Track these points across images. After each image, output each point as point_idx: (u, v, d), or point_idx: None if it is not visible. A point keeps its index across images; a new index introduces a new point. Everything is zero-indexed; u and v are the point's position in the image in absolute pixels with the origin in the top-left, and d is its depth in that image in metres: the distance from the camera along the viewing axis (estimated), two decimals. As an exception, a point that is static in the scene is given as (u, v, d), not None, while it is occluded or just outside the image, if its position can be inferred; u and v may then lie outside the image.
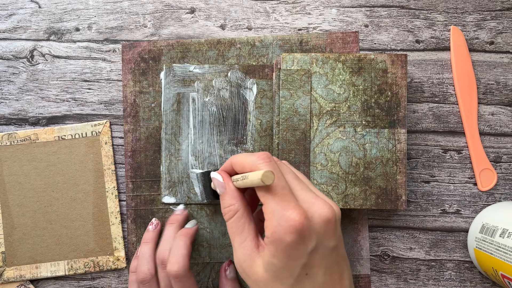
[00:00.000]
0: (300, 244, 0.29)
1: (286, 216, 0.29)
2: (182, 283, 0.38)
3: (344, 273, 0.32)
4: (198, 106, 0.46)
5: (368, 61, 0.44)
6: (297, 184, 0.32)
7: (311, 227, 0.30)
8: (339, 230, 0.32)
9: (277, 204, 0.30)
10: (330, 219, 0.30)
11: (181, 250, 0.39)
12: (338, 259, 0.32)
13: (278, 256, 0.30)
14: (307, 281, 0.30)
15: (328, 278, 0.31)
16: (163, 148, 0.46)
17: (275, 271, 0.30)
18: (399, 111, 0.43)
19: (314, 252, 0.30)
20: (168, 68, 0.46)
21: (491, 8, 0.47)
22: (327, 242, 0.30)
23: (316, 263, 0.30)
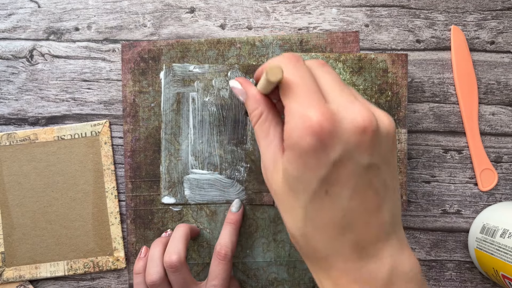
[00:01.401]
0: (320, 151, 0.24)
1: (304, 116, 0.25)
2: (178, 273, 0.38)
3: (384, 205, 0.26)
4: (198, 106, 0.46)
5: (369, 60, 0.43)
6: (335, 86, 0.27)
7: (336, 132, 0.24)
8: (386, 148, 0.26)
9: (297, 103, 0.25)
10: (367, 127, 0.24)
11: (179, 241, 0.40)
12: (378, 184, 0.26)
13: (294, 163, 0.25)
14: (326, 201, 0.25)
15: (356, 204, 0.25)
16: (162, 148, 0.46)
17: (291, 182, 0.26)
18: (399, 111, 0.43)
19: (338, 164, 0.25)
20: (168, 68, 0.46)
21: (492, 7, 0.47)
22: (358, 156, 0.25)
23: (340, 180, 0.25)
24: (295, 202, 0.26)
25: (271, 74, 0.26)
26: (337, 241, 0.26)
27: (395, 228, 0.27)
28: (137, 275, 0.41)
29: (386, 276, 0.26)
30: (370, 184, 0.25)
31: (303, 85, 0.26)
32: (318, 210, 0.26)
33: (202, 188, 0.46)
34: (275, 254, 0.46)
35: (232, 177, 0.46)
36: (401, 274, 0.26)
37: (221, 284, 0.40)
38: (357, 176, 0.25)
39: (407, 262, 0.27)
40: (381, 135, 0.26)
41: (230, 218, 0.43)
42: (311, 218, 0.26)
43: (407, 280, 0.26)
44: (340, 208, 0.25)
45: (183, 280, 0.39)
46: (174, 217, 0.46)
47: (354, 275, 0.26)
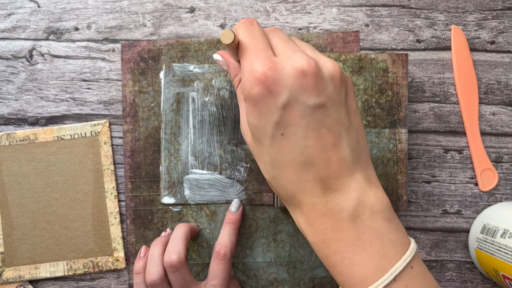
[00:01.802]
0: (268, 98, 0.27)
1: (251, 69, 0.28)
2: (178, 273, 0.39)
3: (341, 141, 0.28)
4: (197, 106, 0.46)
5: (369, 60, 0.43)
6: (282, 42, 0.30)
7: (280, 79, 0.27)
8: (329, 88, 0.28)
9: (247, 60, 0.29)
10: (306, 71, 0.27)
11: (179, 240, 0.40)
12: (330, 122, 0.28)
13: (251, 113, 0.29)
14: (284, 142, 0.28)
15: (312, 142, 0.28)
16: (162, 148, 0.46)
17: (254, 132, 0.29)
18: (400, 110, 0.43)
19: (287, 108, 0.27)
20: (167, 68, 0.46)
21: (492, 7, 0.47)
22: (304, 98, 0.27)
23: (292, 122, 0.28)
24: (261, 150, 0.30)
25: (224, 37, 0.29)
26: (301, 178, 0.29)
27: (359, 164, 0.29)
28: (137, 275, 0.41)
29: (351, 208, 0.28)
30: (321, 122, 0.28)
31: (253, 44, 0.29)
32: (279, 151, 0.29)
33: (202, 188, 0.46)
34: (275, 254, 0.46)
35: (232, 177, 0.45)
36: (367, 207, 0.28)
37: (220, 284, 0.39)
38: (307, 116, 0.27)
39: (373, 196, 0.29)
40: (324, 77, 0.28)
41: (229, 218, 0.43)
42: (275, 160, 0.29)
43: (373, 212, 0.28)
44: (297, 146, 0.28)
45: (183, 280, 0.39)
46: (174, 217, 0.46)
47: (321, 209, 0.29)
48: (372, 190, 0.29)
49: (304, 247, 0.46)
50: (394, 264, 0.28)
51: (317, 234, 0.29)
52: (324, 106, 0.28)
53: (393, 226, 0.29)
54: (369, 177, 0.30)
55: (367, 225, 0.28)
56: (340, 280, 0.29)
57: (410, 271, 0.28)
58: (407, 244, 0.29)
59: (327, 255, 0.29)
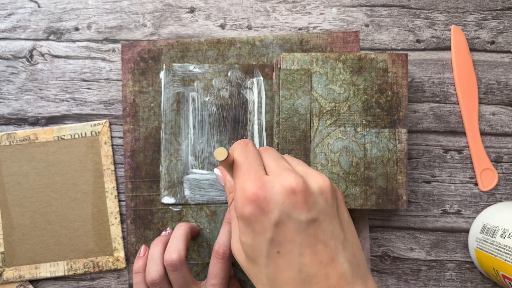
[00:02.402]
0: (260, 216, 0.28)
1: (243, 189, 0.29)
2: (178, 272, 0.39)
3: (338, 255, 0.28)
4: (198, 106, 0.46)
5: (369, 60, 0.43)
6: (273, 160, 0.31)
7: (271, 197, 0.28)
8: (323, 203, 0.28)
9: (240, 179, 0.30)
10: (294, 188, 0.28)
11: (180, 240, 0.40)
12: (324, 237, 0.28)
13: (245, 232, 0.29)
14: (281, 261, 0.28)
15: (308, 259, 0.28)
16: (162, 148, 0.46)
17: (248, 252, 0.29)
18: (399, 110, 0.43)
19: (280, 225, 0.28)
20: (167, 68, 0.46)
21: (492, 7, 0.47)
22: (296, 214, 0.27)
23: (286, 238, 0.28)
24: (257, 270, 0.29)
25: (217, 154, 0.30)
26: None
27: (359, 277, 0.29)
28: (137, 274, 0.41)
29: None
30: (316, 238, 0.28)
31: (246, 164, 0.30)
32: (276, 271, 0.28)
33: (202, 188, 0.46)
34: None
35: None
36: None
37: (220, 283, 0.40)
38: (301, 232, 0.27)
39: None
40: (314, 192, 0.28)
41: (228, 218, 0.43)
42: (272, 280, 0.28)
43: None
44: (294, 264, 0.28)
45: (183, 279, 0.39)
46: (174, 217, 0.46)
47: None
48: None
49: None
50: None
51: None
52: (317, 221, 0.28)
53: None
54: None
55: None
56: None
57: None
58: None
59: None
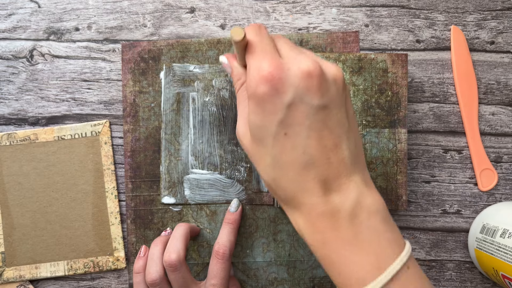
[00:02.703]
0: (274, 96, 0.28)
1: (258, 68, 0.28)
2: (178, 272, 0.39)
3: (341, 143, 0.29)
4: (198, 106, 0.46)
5: (369, 60, 0.43)
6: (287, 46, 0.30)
7: (286, 78, 0.28)
8: (334, 92, 0.29)
9: (254, 59, 0.29)
10: (312, 72, 0.28)
11: (179, 240, 0.40)
12: (331, 124, 0.29)
13: (255, 111, 0.29)
14: (287, 142, 0.28)
15: (314, 142, 0.28)
16: (162, 148, 0.46)
17: (254, 131, 0.30)
18: (399, 110, 0.43)
19: (292, 107, 0.28)
20: (168, 68, 0.46)
21: (492, 7, 0.47)
22: (309, 98, 0.28)
23: (296, 121, 0.28)
24: (262, 151, 0.30)
25: (235, 34, 0.29)
26: (302, 178, 0.29)
27: (357, 166, 0.30)
28: (137, 274, 0.41)
29: (350, 208, 0.29)
30: (324, 124, 0.28)
31: (261, 44, 0.30)
32: (281, 151, 0.29)
33: (202, 188, 0.46)
34: (275, 254, 0.46)
35: (232, 177, 0.46)
36: (364, 207, 0.29)
37: (220, 283, 0.40)
38: (311, 117, 0.28)
39: (371, 197, 0.30)
40: (328, 80, 0.29)
41: (228, 218, 0.43)
42: (276, 160, 0.29)
43: (370, 213, 0.29)
44: (299, 146, 0.28)
45: (183, 279, 0.39)
46: (174, 217, 0.46)
47: (321, 208, 0.29)
48: (370, 191, 0.30)
49: (304, 246, 0.46)
50: (391, 263, 0.28)
51: (316, 234, 0.30)
52: (327, 108, 0.29)
53: (389, 227, 0.30)
54: (366, 179, 0.31)
55: (365, 225, 0.29)
56: (337, 280, 0.30)
57: (406, 271, 0.28)
58: (403, 244, 0.30)
59: (325, 254, 0.30)
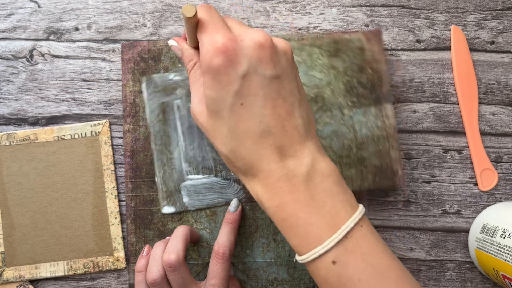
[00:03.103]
0: (229, 68, 0.29)
1: (212, 41, 0.29)
2: (177, 272, 0.39)
3: (294, 111, 0.31)
4: (183, 112, 0.45)
5: (344, 41, 0.43)
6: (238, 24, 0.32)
7: (240, 50, 0.29)
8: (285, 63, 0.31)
9: (207, 33, 0.30)
10: (263, 44, 0.29)
11: (178, 240, 0.40)
12: (284, 93, 0.30)
13: (210, 85, 0.30)
14: (243, 112, 0.30)
15: (269, 111, 0.30)
16: (155, 159, 0.45)
17: (211, 105, 0.31)
18: (382, 86, 0.43)
19: (247, 78, 0.29)
20: (148, 80, 0.45)
21: (492, 7, 0.47)
22: (262, 69, 0.29)
23: (251, 91, 0.29)
24: (218, 123, 0.31)
25: (186, 11, 0.30)
26: (259, 146, 0.30)
27: (309, 133, 0.32)
28: (139, 273, 0.42)
29: (305, 172, 0.30)
30: (278, 93, 0.30)
31: (212, 20, 0.31)
32: (238, 121, 0.30)
33: (200, 193, 0.45)
34: (275, 254, 0.46)
35: (228, 177, 0.45)
36: (319, 171, 0.31)
37: (220, 283, 0.40)
38: (265, 86, 0.29)
39: (323, 162, 0.31)
40: (279, 51, 0.30)
41: (228, 218, 0.43)
42: (233, 130, 0.30)
43: (324, 175, 0.31)
44: (255, 115, 0.30)
45: (182, 280, 0.39)
46: (174, 217, 0.46)
47: (278, 174, 0.31)
48: (322, 157, 0.32)
49: (304, 247, 0.46)
50: (344, 222, 0.30)
51: (274, 198, 0.31)
52: (280, 78, 0.30)
53: (342, 190, 0.31)
54: (317, 145, 0.32)
55: (319, 187, 0.31)
56: (294, 242, 0.31)
57: (360, 229, 0.30)
58: (356, 206, 0.32)
59: (282, 218, 0.31)
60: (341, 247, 0.30)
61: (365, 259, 0.30)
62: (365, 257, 0.30)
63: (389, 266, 0.30)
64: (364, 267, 0.29)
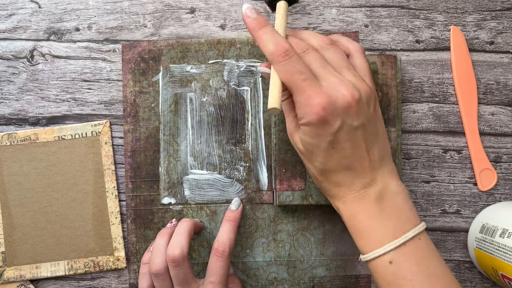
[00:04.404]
0: (325, 125, 0.34)
1: (310, 105, 0.34)
2: (180, 268, 0.39)
3: (373, 147, 0.36)
4: (195, 106, 0.46)
5: None
6: (323, 71, 0.36)
7: (335, 111, 0.34)
8: (366, 109, 0.35)
9: (300, 96, 0.35)
10: (351, 102, 0.34)
11: (183, 236, 0.40)
12: (366, 135, 0.36)
13: (308, 134, 0.35)
14: (334, 153, 0.35)
15: (354, 151, 0.35)
16: (161, 149, 0.46)
17: (306, 146, 0.36)
18: (389, 110, 0.43)
19: (339, 131, 0.35)
20: (165, 69, 0.46)
21: (491, 8, 0.47)
22: (350, 121, 0.35)
23: (341, 139, 0.35)
24: (312, 158, 0.37)
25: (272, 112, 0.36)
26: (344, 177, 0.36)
27: (384, 162, 0.37)
28: (144, 265, 0.42)
29: (378, 193, 0.36)
30: (361, 137, 0.36)
31: (298, 80, 0.35)
32: (328, 159, 0.36)
33: (202, 188, 0.46)
34: (275, 254, 0.46)
35: (231, 176, 0.46)
36: (389, 191, 0.37)
37: (219, 280, 0.40)
38: (352, 134, 0.35)
39: (395, 184, 0.37)
40: (363, 101, 0.35)
41: (228, 216, 0.44)
42: (324, 164, 0.36)
43: (394, 194, 0.36)
44: (344, 155, 0.36)
45: (184, 276, 0.39)
46: (174, 216, 0.46)
47: (354, 196, 0.37)
48: (394, 179, 0.37)
49: (304, 246, 0.46)
50: (405, 233, 0.35)
51: (348, 209, 0.37)
52: (363, 124, 0.35)
53: (408, 207, 0.37)
54: (391, 172, 0.37)
55: (388, 204, 0.36)
56: (360, 243, 0.37)
57: (417, 241, 0.35)
58: (418, 223, 0.37)
59: (353, 224, 0.37)
60: (399, 251, 0.35)
61: (419, 264, 0.34)
62: (419, 263, 0.35)
63: (439, 273, 0.35)
64: (417, 270, 0.34)
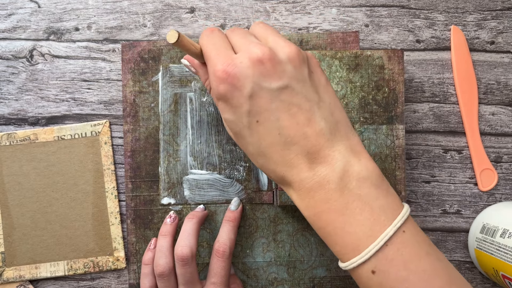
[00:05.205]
0: (234, 92, 0.30)
1: (214, 71, 0.30)
2: (188, 267, 0.39)
3: (314, 115, 0.30)
4: (195, 106, 0.46)
5: (365, 57, 0.43)
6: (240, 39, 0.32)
7: (239, 72, 0.29)
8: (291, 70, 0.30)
9: (210, 64, 0.31)
10: (261, 58, 0.29)
11: (191, 235, 0.40)
12: (298, 100, 0.30)
13: (224, 110, 0.31)
14: (261, 128, 0.30)
15: (286, 122, 0.30)
16: (161, 149, 0.46)
17: (232, 127, 0.31)
18: (396, 107, 0.43)
19: (254, 96, 0.29)
20: (165, 69, 0.46)
21: (492, 7, 0.47)
22: (267, 83, 0.29)
23: (262, 108, 0.30)
24: (244, 141, 0.31)
25: (169, 37, 0.31)
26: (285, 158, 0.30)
27: (338, 135, 0.30)
28: (145, 266, 0.42)
29: (338, 178, 0.29)
30: (290, 103, 0.30)
31: (213, 49, 0.31)
32: (259, 138, 0.30)
33: (202, 188, 0.46)
34: (275, 254, 0.46)
35: (231, 176, 0.46)
36: (352, 175, 0.29)
37: (220, 281, 0.40)
38: (275, 99, 0.29)
39: (357, 164, 0.30)
40: (282, 60, 0.30)
41: (228, 216, 0.44)
42: (258, 147, 0.31)
43: (359, 180, 0.29)
44: (273, 129, 0.30)
45: (190, 275, 0.39)
46: (174, 217, 0.46)
47: (309, 183, 0.30)
48: (356, 158, 0.30)
49: (304, 247, 0.46)
50: (384, 230, 0.28)
51: (309, 208, 0.30)
52: (289, 87, 0.30)
53: (382, 192, 0.30)
54: (352, 146, 0.31)
55: (354, 194, 0.29)
56: (335, 249, 0.30)
57: (401, 235, 0.29)
58: (399, 208, 0.30)
59: (320, 227, 0.30)
60: (381, 255, 0.28)
61: (407, 267, 0.28)
62: (407, 265, 0.28)
63: (434, 271, 0.28)
64: (406, 276, 0.28)
